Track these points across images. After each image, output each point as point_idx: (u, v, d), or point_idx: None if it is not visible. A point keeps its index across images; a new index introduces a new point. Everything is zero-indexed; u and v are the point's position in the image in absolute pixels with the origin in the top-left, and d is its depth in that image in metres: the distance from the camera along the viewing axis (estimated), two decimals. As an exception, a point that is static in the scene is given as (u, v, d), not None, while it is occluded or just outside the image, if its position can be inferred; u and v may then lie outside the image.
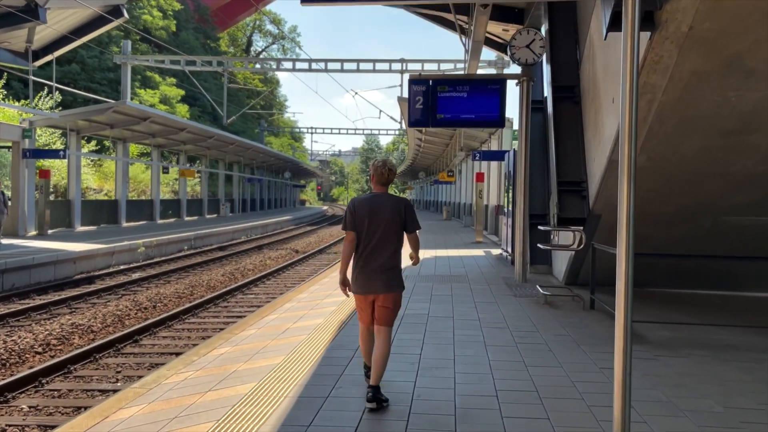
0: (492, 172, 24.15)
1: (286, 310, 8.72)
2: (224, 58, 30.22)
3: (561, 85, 9.59)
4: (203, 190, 39.73)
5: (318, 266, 19.92)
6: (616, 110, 7.15)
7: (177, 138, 30.54)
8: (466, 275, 12.00)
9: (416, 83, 10.87)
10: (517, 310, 8.28)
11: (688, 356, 6.00)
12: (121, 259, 18.79)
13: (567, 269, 10.28)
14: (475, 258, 15.63)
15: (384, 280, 4.57)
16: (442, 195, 50.29)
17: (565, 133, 9.20)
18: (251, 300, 13.59)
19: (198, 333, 10.37)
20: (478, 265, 13.91)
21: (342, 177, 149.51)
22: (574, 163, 8.95)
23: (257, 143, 42.38)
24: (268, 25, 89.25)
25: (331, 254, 23.93)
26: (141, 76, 44.66)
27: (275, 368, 5.36)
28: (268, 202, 59.82)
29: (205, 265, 19.10)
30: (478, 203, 20.88)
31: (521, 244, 10.82)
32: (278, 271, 18.12)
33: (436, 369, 5.42)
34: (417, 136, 32.00)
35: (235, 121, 58.51)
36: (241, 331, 7.19)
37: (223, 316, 11.84)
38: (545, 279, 11.43)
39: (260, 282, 16.08)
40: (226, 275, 16.93)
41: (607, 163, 7.61)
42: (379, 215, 4.59)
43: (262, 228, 34.70)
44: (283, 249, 25.22)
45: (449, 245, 19.77)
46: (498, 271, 12.75)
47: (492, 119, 10.77)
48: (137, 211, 30.45)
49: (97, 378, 7.81)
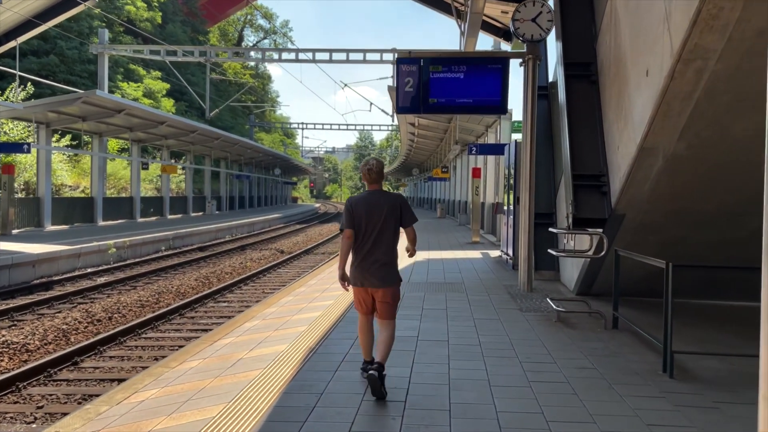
0: (489, 167, 22.75)
1: (246, 330, 7.28)
2: (207, 48, 28.68)
3: (574, 62, 8.17)
4: (188, 187, 38.19)
5: (303, 268, 18.49)
6: (652, 85, 5.74)
7: (157, 132, 29.00)
8: (463, 282, 10.58)
9: (406, 62, 9.43)
10: (526, 330, 6.86)
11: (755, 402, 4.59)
12: (88, 261, 17.30)
13: (580, 278, 8.87)
14: (471, 261, 14.22)
15: (381, 275, 4.73)
16: (436, 192, 48.86)
17: (581, 117, 7.77)
18: (222, 309, 12.14)
19: (152, 352, 8.93)
20: (476, 270, 12.49)
21: (336, 174, 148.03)
22: (591, 153, 7.53)
23: (245, 138, 40.84)
24: (259, 20, 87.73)
25: (318, 254, 22.49)
26: (124, 69, 43.03)
27: (207, 425, 3.93)
28: (258, 200, 58.27)
29: (180, 267, 17.63)
30: (475, 201, 19.47)
31: (526, 247, 9.41)
32: (258, 274, 16.68)
33: (426, 428, 3.99)
34: (410, 130, 30.55)
35: (218, 114, 56.95)
36: (180, 363, 5.73)
37: (186, 329, 10.40)
38: (552, 288, 10.02)
39: (236, 287, 14.64)
40: (200, 279, 15.47)
41: (636, 152, 6.20)
42: (376, 212, 4.73)
43: (248, 227, 33.23)
44: (267, 249, 23.76)
45: (443, 246, 18.35)
46: (498, 277, 11.34)
47: (492, 104, 9.35)
48: (116, 209, 28.91)
49: (12, 416, 6.36)
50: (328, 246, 25.98)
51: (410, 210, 4.91)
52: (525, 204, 9.40)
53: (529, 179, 9.33)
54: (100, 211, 26.54)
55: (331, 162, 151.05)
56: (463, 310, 7.96)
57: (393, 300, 4.80)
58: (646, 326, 6.34)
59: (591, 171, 7.47)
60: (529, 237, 9.34)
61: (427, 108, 9.42)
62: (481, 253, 16.24)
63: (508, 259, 13.05)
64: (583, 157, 7.55)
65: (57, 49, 37.01)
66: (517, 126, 16.23)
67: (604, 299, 8.70)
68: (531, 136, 9.30)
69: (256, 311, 8.92)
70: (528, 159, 9.31)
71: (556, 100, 11.68)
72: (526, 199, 9.36)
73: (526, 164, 9.35)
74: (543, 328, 7.01)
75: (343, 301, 8.62)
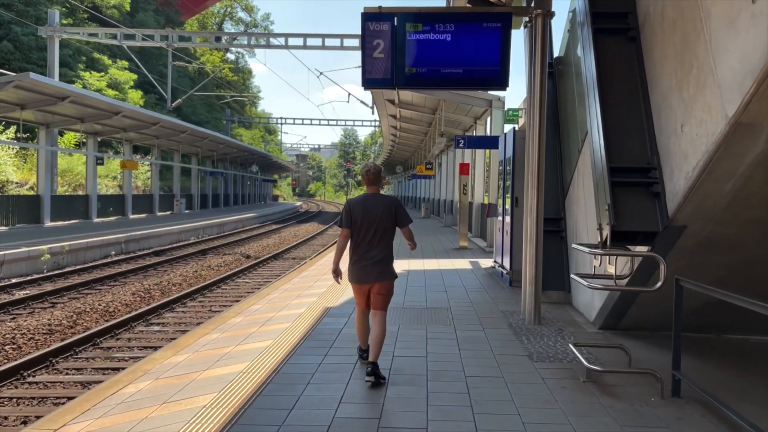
0: (478, 163, 20.48)
1: (169, 369, 4.96)
2: (169, 32, 26.06)
3: (605, 12, 5.88)
4: (154, 184, 35.53)
5: (267, 277, 16.10)
6: (759, 19, 3.46)
7: (115, 124, 26.39)
8: (449, 308, 8.27)
9: (374, 20, 7.10)
10: (545, 403, 4.56)
11: None
12: (13, 270, 14.79)
13: (605, 308, 6.60)
14: (459, 273, 11.92)
15: (377, 272, 5.12)
16: (420, 191, 46.55)
17: (617, 88, 5.49)
18: (150, 337, 9.74)
19: (30, 408, 6.53)
20: (465, 287, 10.20)
21: (320, 172, 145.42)
22: (634, 137, 5.25)
23: (216, 132, 38.21)
24: (240, 13, 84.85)
25: (287, 260, 20.08)
26: (87, 57, 40.19)
27: None
28: (234, 198, 55.57)
29: (122, 278, 15.15)
30: (462, 201, 17.16)
31: (533, 265, 7.12)
32: (213, 285, 14.30)
33: None
34: (391, 123, 28.19)
35: (193, 109, 54.26)
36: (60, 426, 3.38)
37: (89, 370, 8.00)
38: (563, 315, 7.75)
39: (181, 303, 12.25)
40: (138, 294, 13.04)
41: (726, 129, 3.92)
42: (372, 214, 5.08)
43: (218, 227, 30.72)
44: (232, 254, 21.30)
45: (427, 252, 16.06)
46: (493, 298, 9.04)
47: (489, 75, 7.03)
48: (68, 208, 26.26)
49: None
50: (301, 249, 23.56)
51: (405, 211, 5.22)
52: (531, 207, 7.10)
53: (538, 175, 7.04)
54: (48, 211, 23.91)
55: (315, 160, 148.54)
56: (449, 362, 5.63)
57: (387, 293, 5.20)
58: (722, 391, 4.13)
59: (635, 162, 5.18)
60: (536, 251, 7.05)
61: (403, 80, 7.09)
62: (470, 262, 13.96)
63: (504, 272, 10.79)
64: (622, 144, 5.26)
65: (11, 35, 34.19)
66: (512, 114, 13.95)
67: (640, 338, 6.43)
68: (540, 118, 7.00)
69: (189, 339, 6.60)
70: (536, 148, 7.01)
71: (564, 78, 9.39)
72: (533, 201, 7.07)
73: (534, 155, 7.05)
74: (568, 395, 4.71)
75: (295, 331, 6.28)
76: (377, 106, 23.82)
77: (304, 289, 10.34)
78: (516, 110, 13.76)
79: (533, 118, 7.07)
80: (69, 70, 37.79)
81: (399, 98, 20.50)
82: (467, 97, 16.65)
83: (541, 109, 7.02)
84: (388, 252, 5.15)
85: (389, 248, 5.18)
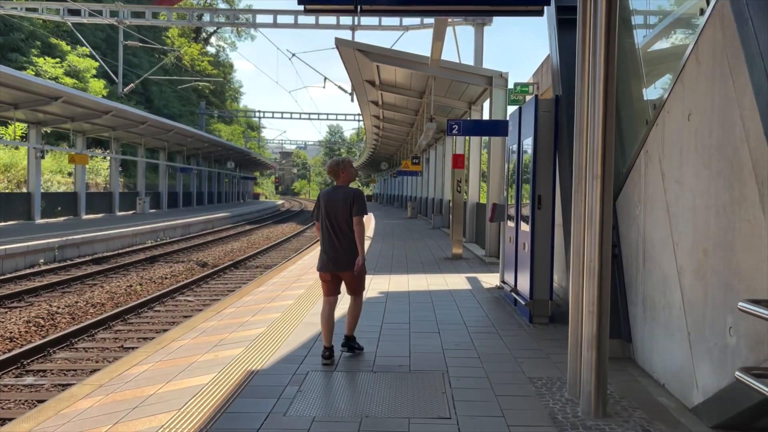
0: (473, 155, 17.51)
1: None
2: (120, 7, 22.83)
3: None
4: (113, 180, 32.26)
5: (217, 293, 13.06)
6: None
7: (57, 112, 23.19)
8: (445, 368, 5.26)
9: None
10: None
11: None
12: None
13: (730, 393, 3.64)
14: (456, 298, 8.93)
15: (345, 261, 5.35)
16: (406, 188, 43.53)
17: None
18: (23, 391, 6.67)
19: None
20: (466, 325, 7.20)
21: (305, 170, 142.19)
22: None
23: (182, 125, 34.96)
24: (220, 4, 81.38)
25: (249, 269, 17.01)
26: (42, 42, 36.77)
27: None
28: (209, 196, 52.26)
29: (30, 295, 12.02)
30: (457, 200, 14.16)
31: (594, 312, 4.13)
32: (145, 305, 11.28)
33: None
34: (374, 112, 25.14)
35: (165, 102, 50.86)
36: None
37: None
38: (631, 388, 4.79)
39: (88, 337, 9.18)
40: (35, 322, 9.94)
41: None
42: (334, 204, 5.36)
43: (183, 228, 27.59)
44: (185, 261, 18.17)
45: (412, 262, 13.07)
46: (512, 349, 6.05)
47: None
48: (4, 207, 23.03)
49: None
50: (269, 255, 20.48)
51: (362, 202, 5.38)
52: (592, 214, 4.11)
53: (603, 159, 4.06)
54: (-24, 211, 20.70)
55: (300, 157, 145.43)
56: None
57: (359, 278, 5.45)
58: None
59: None
60: (601, 290, 4.06)
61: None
62: (467, 278, 10.97)
63: (518, 298, 7.82)
64: None
65: (-47, 15, 30.78)
66: (520, 90, 10.95)
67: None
68: (608, 58, 4.03)
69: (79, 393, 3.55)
70: (601, 113, 4.03)
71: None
72: (594, 204, 4.08)
73: (597, 127, 4.06)
74: None
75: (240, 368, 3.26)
76: (357, 92, 20.79)
77: (235, 327, 7.25)
78: (525, 85, 10.79)
79: (595, 61, 4.08)
80: (20, 56, 34.44)
81: (380, 78, 17.48)
82: (462, 73, 13.70)
83: (608, 42, 4.03)
84: (353, 240, 5.36)
85: (353, 237, 5.37)
